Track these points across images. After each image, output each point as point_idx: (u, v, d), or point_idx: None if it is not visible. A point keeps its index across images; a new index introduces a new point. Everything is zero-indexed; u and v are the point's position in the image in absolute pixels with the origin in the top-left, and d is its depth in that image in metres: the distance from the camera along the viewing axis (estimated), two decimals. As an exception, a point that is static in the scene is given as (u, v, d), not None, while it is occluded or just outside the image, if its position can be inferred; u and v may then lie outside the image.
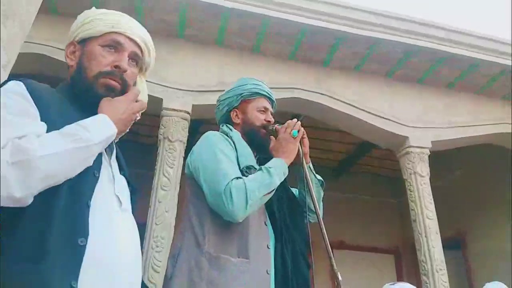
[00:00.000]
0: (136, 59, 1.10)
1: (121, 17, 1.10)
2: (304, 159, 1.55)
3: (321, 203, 1.68)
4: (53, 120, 0.90)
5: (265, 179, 1.39)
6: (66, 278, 0.79)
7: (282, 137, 1.54)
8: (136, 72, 1.12)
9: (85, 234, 0.84)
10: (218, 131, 1.63)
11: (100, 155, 0.97)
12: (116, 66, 1.03)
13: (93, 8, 1.12)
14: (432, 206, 4.24)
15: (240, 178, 1.38)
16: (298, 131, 1.54)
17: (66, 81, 1.08)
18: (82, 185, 0.89)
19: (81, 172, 0.89)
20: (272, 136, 1.61)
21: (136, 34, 1.09)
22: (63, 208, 0.84)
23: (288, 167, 1.51)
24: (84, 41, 1.07)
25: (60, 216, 0.83)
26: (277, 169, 1.45)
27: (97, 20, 1.07)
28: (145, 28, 1.15)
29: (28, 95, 0.91)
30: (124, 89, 1.05)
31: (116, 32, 1.06)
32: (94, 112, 0.98)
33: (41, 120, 0.89)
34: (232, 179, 1.35)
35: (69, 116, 0.94)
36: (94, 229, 0.86)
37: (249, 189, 1.33)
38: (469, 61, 4.56)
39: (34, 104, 0.90)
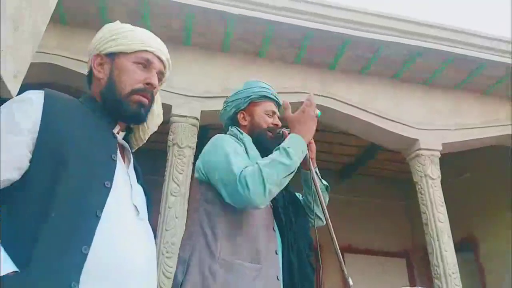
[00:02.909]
0: (160, 76, 1.17)
1: (150, 36, 1.16)
2: (311, 165, 1.53)
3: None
4: (70, 129, 0.94)
5: (284, 161, 1.31)
6: (65, 281, 0.81)
7: (307, 114, 1.42)
8: (159, 87, 1.18)
9: (88, 242, 0.85)
10: (225, 134, 1.62)
11: (113, 164, 0.98)
12: (148, 84, 1.10)
13: (117, 21, 1.17)
14: (443, 209, 4.20)
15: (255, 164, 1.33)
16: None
17: (90, 92, 1.12)
18: (89, 195, 0.90)
19: (89, 183, 0.91)
20: (289, 112, 1.49)
21: (163, 52, 1.16)
22: (67, 217, 0.85)
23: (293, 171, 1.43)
24: (112, 55, 1.11)
25: (61, 225, 0.84)
26: (296, 148, 1.35)
27: (127, 37, 1.12)
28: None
29: (37, 102, 0.93)
30: (151, 104, 1.13)
31: (147, 51, 1.12)
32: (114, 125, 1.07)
33: (51, 128, 0.91)
34: (245, 167, 1.32)
35: (90, 126, 1.00)
36: (104, 238, 0.87)
37: (265, 173, 1.27)
38: (476, 62, 4.53)
39: (37, 110, 0.92)
